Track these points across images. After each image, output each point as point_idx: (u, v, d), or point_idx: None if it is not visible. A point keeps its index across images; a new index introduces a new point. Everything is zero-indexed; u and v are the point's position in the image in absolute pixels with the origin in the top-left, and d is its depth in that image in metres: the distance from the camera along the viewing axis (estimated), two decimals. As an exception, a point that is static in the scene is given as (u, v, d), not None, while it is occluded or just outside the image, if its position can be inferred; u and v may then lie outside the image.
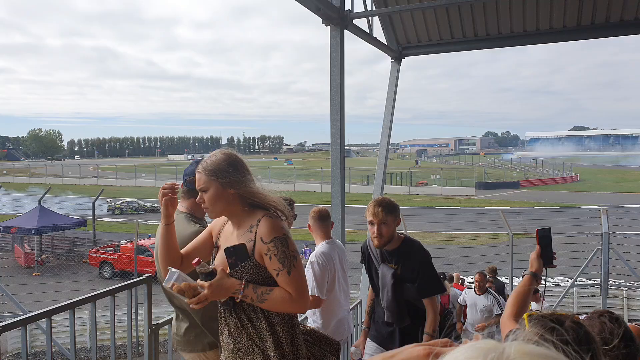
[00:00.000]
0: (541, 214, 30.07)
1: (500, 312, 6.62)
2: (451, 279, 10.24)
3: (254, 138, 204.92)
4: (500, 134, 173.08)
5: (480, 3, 7.46)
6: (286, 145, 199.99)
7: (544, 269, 2.39)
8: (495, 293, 7.11)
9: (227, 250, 2.05)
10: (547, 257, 2.38)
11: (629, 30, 7.39)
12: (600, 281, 11.82)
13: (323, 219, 3.83)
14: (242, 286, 2.01)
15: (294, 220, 3.47)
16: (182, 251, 2.30)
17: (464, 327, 7.35)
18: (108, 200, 35.81)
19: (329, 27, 6.07)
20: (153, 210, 34.07)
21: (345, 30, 6.35)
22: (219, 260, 2.19)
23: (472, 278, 13.39)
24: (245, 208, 2.14)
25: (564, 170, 59.82)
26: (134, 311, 5.74)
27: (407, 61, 8.83)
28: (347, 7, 6.32)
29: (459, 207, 35.31)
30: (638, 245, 12.61)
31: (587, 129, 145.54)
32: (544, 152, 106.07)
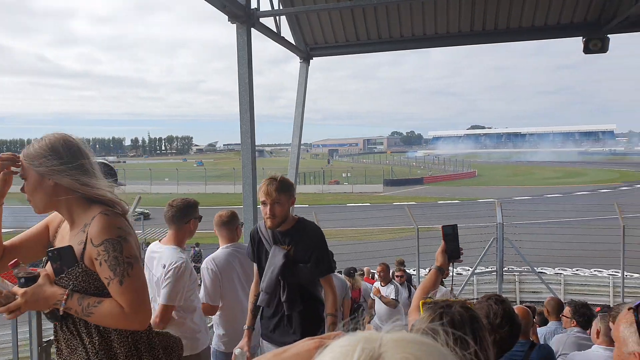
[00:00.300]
0: (443, 208, 31.95)
1: (395, 297, 6.91)
2: (362, 274, 10.51)
3: (160, 139, 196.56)
4: (405, 134, 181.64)
5: (382, 6, 7.74)
6: (196, 145, 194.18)
7: (451, 262, 2.51)
8: (397, 282, 7.32)
9: (50, 253, 1.74)
10: (452, 252, 2.48)
11: (515, 37, 8.08)
12: (496, 268, 12.79)
13: (224, 223, 3.71)
14: (65, 296, 1.69)
15: (199, 221, 3.34)
16: (6, 243, 1.90)
17: (371, 320, 7.58)
18: None
19: (235, 25, 5.97)
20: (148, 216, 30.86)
21: (253, 29, 6.29)
22: None
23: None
24: (80, 202, 1.79)
25: (463, 167, 64.13)
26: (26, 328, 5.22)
27: (317, 62, 8.95)
28: (254, 5, 6.26)
29: (368, 204, 36.50)
30: (527, 234, 13.84)
31: (483, 127, 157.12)
32: (446, 149, 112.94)
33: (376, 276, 7.80)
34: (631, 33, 7.55)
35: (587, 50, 7.22)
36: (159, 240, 3.27)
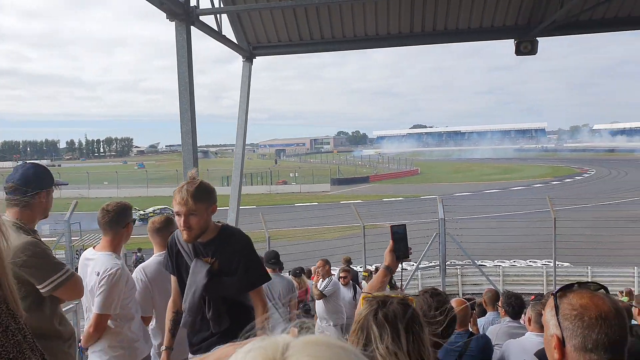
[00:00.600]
0: (388, 205, 32.65)
1: (322, 290, 6.93)
2: (309, 273, 10.53)
3: (98, 140, 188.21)
4: (351, 133, 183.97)
5: (324, 7, 7.80)
6: (136, 147, 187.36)
7: (399, 262, 2.51)
8: (335, 278, 7.29)
9: None
10: (400, 252, 2.48)
11: (452, 38, 8.38)
12: (439, 262, 13.20)
13: (157, 230, 3.52)
14: None
15: (133, 225, 3.19)
16: None
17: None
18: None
19: (174, 22, 5.83)
20: None
21: (193, 27, 6.16)
22: None
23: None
24: None
25: (406, 165, 65.80)
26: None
27: (262, 62, 8.91)
28: (193, 3, 6.14)
29: (316, 203, 36.67)
30: (468, 229, 14.38)
31: (425, 127, 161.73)
32: (390, 148, 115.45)
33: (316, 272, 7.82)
34: (558, 36, 8.04)
35: (518, 52, 7.60)
36: (93, 247, 3.11)
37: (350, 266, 9.23)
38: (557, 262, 13.15)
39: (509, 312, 3.99)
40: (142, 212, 33.24)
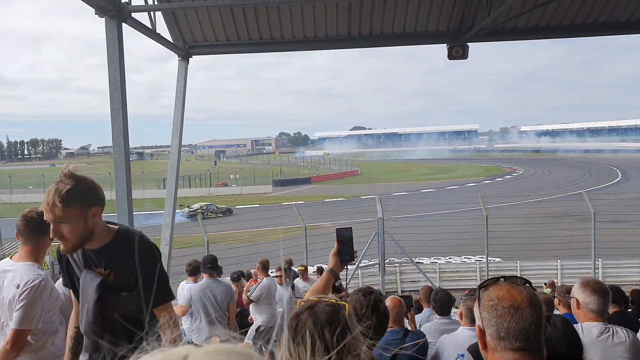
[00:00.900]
0: (330, 205, 32.94)
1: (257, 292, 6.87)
2: (249, 276, 10.40)
3: (22, 142, 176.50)
4: (292, 134, 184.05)
5: (262, 7, 7.74)
6: (66, 149, 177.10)
7: (344, 265, 2.49)
8: (265, 282, 7.23)
9: None
10: (345, 255, 2.45)
11: (388, 42, 8.59)
12: (379, 261, 13.48)
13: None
14: None
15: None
16: None
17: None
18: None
19: (104, 19, 5.57)
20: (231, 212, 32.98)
21: (125, 24, 5.92)
22: None
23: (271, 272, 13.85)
24: None
25: (347, 166, 66.72)
26: None
27: (201, 61, 8.71)
28: (124, -1, 5.89)
29: (258, 205, 36.37)
30: (406, 227, 14.77)
31: (364, 128, 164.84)
32: (331, 150, 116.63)
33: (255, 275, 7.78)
34: (486, 42, 8.45)
35: (450, 56, 7.90)
36: (10, 257, 2.88)
37: (291, 267, 9.19)
38: (489, 258, 13.81)
39: (437, 309, 4.13)
40: (190, 208, 33.44)
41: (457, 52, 7.82)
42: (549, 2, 7.43)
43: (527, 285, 1.41)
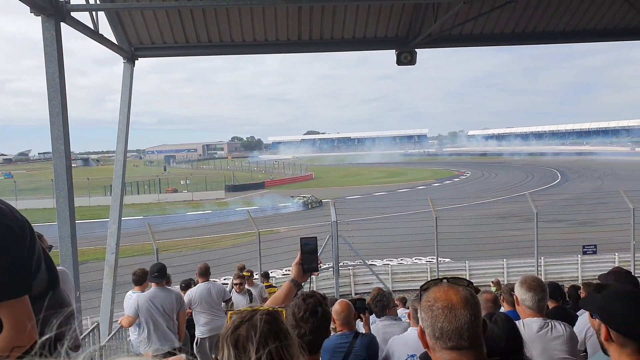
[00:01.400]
0: (284, 210, 32.85)
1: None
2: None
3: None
4: (245, 139, 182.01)
5: (211, 9, 7.62)
6: (2, 155, 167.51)
7: (309, 275, 2.44)
8: (194, 290, 6.97)
9: None
10: (309, 265, 2.41)
11: (338, 47, 8.66)
12: (333, 264, 13.53)
13: None
14: None
15: None
16: None
17: None
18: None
19: (40, 17, 5.31)
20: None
21: (64, 24, 5.67)
22: None
23: (225, 279, 13.65)
24: None
25: (301, 170, 66.76)
26: None
27: (150, 63, 8.50)
28: (63, -3, 5.64)
29: (210, 211, 35.73)
30: (359, 230, 14.92)
31: (318, 133, 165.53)
32: (285, 154, 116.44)
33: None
34: (433, 48, 8.68)
35: (399, 62, 8.06)
36: None
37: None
38: (439, 259, 14.15)
39: (375, 312, 4.17)
40: (304, 198, 35.89)
41: (406, 58, 7.99)
42: (491, 11, 7.73)
43: (469, 285, 1.43)
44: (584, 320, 3.66)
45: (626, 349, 1.58)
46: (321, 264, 2.98)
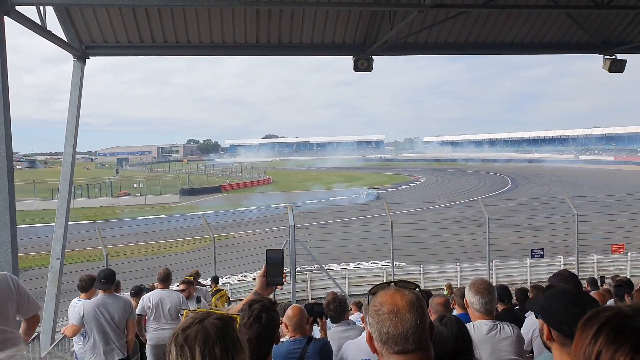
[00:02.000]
0: (241, 214, 32.50)
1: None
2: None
3: None
4: (202, 142, 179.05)
5: (167, 10, 7.46)
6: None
7: (273, 288, 2.38)
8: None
9: None
10: (273, 278, 2.34)
11: (296, 51, 8.66)
12: (290, 269, 13.46)
13: None
14: None
15: None
16: None
17: None
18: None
19: (-19, 10, 5.04)
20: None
21: (7, 18, 5.40)
22: None
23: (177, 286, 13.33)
24: None
25: (259, 174, 66.29)
26: None
27: (103, 63, 8.19)
28: (7, -10, 5.37)
29: (163, 215, 34.89)
30: (316, 234, 14.94)
31: (276, 137, 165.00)
32: (243, 158, 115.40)
33: None
34: (390, 55, 8.84)
35: (356, 68, 8.14)
36: None
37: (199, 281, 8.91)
38: (395, 262, 14.35)
39: (331, 317, 4.19)
40: (377, 191, 40.99)
41: (363, 64, 8.08)
42: (445, 21, 7.95)
43: (416, 288, 1.45)
44: (530, 322, 3.80)
45: (566, 348, 1.64)
46: (287, 278, 2.92)
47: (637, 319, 0.89)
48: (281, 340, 3.10)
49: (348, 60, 8.40)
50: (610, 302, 5.56)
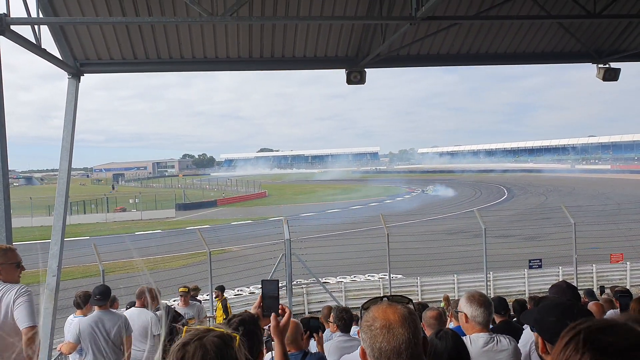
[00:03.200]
0: (236, 229, 32.37)
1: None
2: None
3: None
4: (197, 156, 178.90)
5: (160, 26, 7.51)
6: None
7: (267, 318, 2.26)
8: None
9: None
10: (269, 308, 2.25)
11: (289, 65, 8.72)
12: (286, 283, 13.40)
13: None
14: None
15: None
16: None
17: None
18: None
19: (-24, 30, 5.08)
20: None
21: (3, 37, 5.43)
22: None
23: (174, 300, 13.21)
24: None
25: (254, 188, 66.22)
26: None
27: (97, 80, 8.23)
28: (2, 9, 5.42)
29: (160, 231, 34.75)
30: (312, 247, 14.89)
31: (271, 150, 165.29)
32: (238, 172, 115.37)
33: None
34: (382, 68, 8.90)
35: (349, 81, 8.19)
36: None
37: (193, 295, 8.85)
38: (391, 275, 14.30)
39: (340, 326, 4.17)
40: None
41: (356, 77, 8.13)
42: (437, 32, 8.04)
43: (409, 303, 1.45)
44: (528, 334, 3.78)
45: None
46: (282, 310, 2.79)
47: (606, 333, 0.92)
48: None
49: (341, 73, 8.47)
50: (610, 312, 5.54)
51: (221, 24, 7.42)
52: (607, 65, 9.12)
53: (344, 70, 8.30)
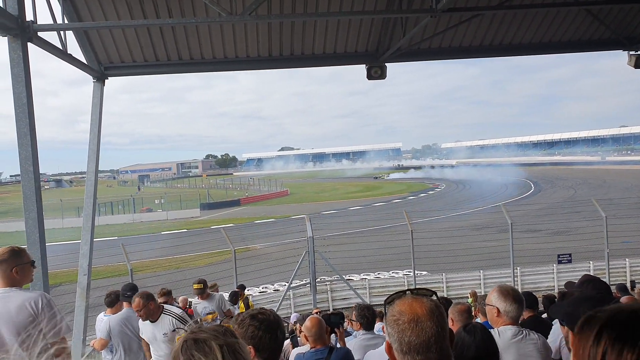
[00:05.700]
0: (260, 227, 32.60)
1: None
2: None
3: None
4: (220, 156, 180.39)
5: (181, 27, 7.60)
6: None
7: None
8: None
9: None
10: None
11: (308, 63, 8.72)
12: (310, 280, 13.45)
13: None
14: None
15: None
16: None
17: None
18: None
19: (6, 38, 5.22)
20: None
21: (31, 44, 5.57)
22: None
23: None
24: None
25: (276, 186, 66.52)
26: None
27: (121, 83, 8.46)
28: (29, 17, 5.55)
29: (185, 230, 35.23)
30: (335, 245, 14.92)
31: (292, 149, 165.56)
32: (260, 171, 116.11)
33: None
34: (403, 62, 8.81)
35: (369, 76, 8.15)
36: None
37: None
38: (416, 272, 14.19)
39: (363, 324, 4.15)
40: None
41: (376, 73, 8.08)
42: (459, 25, 7.91)
43: (433, 296, 1.42)
44: (558, 329, 3.70)
45: None
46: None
47: (626, 317, 0.89)
48: (302, 351, 3.09)
49: (361, 70, 8.41)
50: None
51: (240, 23, 7.47)
52: (638, 53, 8.82)
53: (364, 65, 8.25)
